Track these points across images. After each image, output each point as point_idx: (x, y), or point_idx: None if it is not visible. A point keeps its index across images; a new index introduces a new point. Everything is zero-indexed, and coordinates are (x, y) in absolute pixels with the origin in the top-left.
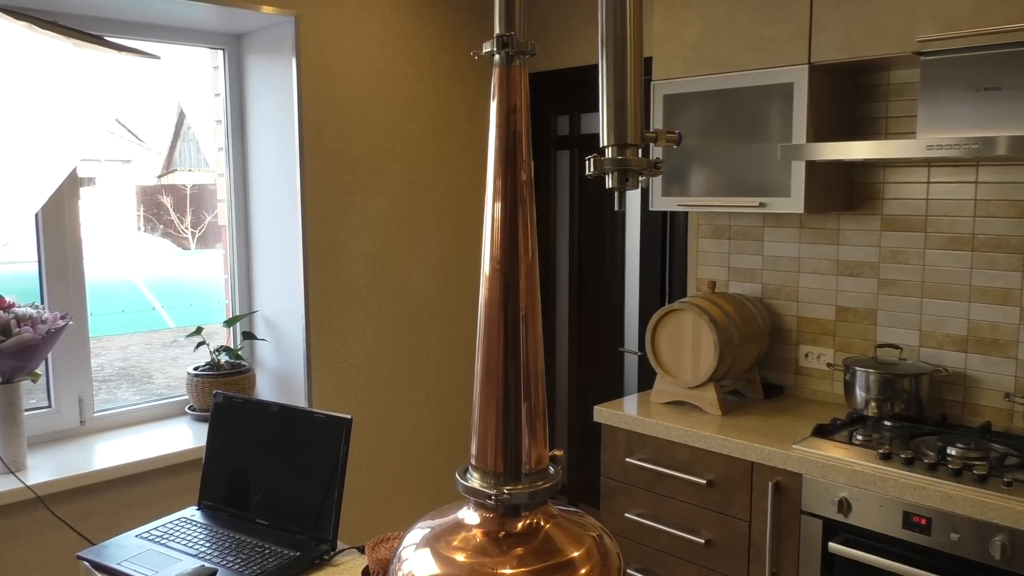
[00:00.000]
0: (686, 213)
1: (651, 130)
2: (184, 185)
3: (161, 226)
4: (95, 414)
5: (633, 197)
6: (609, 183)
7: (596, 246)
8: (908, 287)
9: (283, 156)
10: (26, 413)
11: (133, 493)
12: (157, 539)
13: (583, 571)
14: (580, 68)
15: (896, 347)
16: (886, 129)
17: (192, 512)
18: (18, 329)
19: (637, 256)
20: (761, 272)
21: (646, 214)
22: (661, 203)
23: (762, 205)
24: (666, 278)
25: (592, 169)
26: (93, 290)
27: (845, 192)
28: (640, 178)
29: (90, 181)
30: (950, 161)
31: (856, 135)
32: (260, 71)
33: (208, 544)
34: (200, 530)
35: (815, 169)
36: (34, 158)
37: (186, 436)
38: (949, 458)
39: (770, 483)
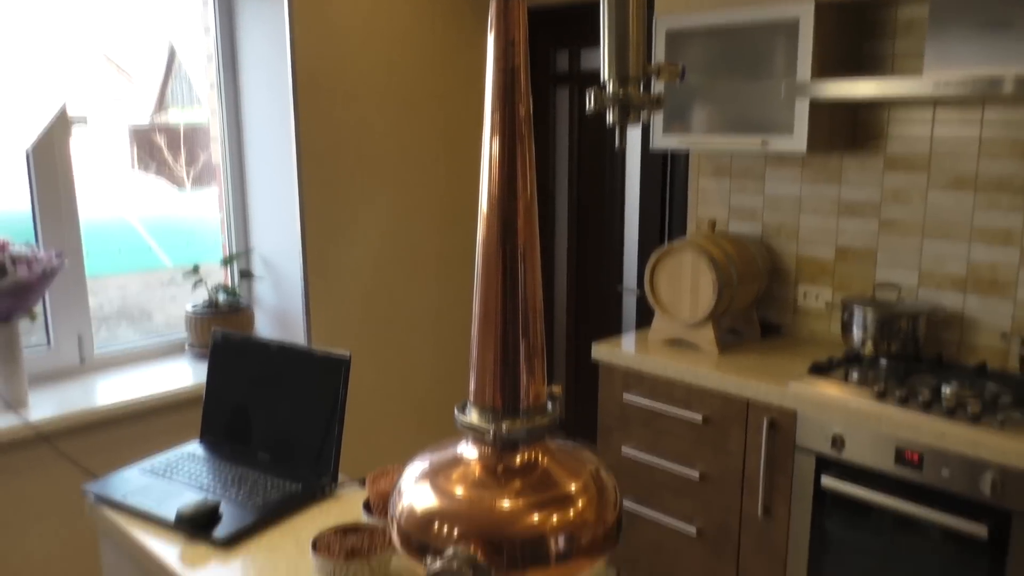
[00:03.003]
0: (687, 152)
1: (653, 65)
2: (177, 124)
3: (155, 165)
4: (95, 352)
5: (633, 136)
6: (610, 119)
7: (596, 185)
8: (909, 227)
9: (276, 93)
10: (25, 351)
11: (135, 429)
12: (161, 473)
13: (580, 504)
14: (580, 3)
15: (895, 287)
16: (892, 67)
17: (194, 447)
18: (13, 269)
19: (637, 195)
20: (762, 211)
21: (647, 153)
22: (662, 141)
23: (764, 144)
24: (666, 217)
25: (592, 105)
26: (89, 230)
27: (848, 131)
28: (641, 114)
29: (81, 120)
30: (956, 100)
31: (862, 73)
32: (251, 5)
33: (211, 478)
34: (203, 464)
35: (819, 107)
36: (22, 95)
37: (186, 373)
38: (944, 396)
39: (765, 420)
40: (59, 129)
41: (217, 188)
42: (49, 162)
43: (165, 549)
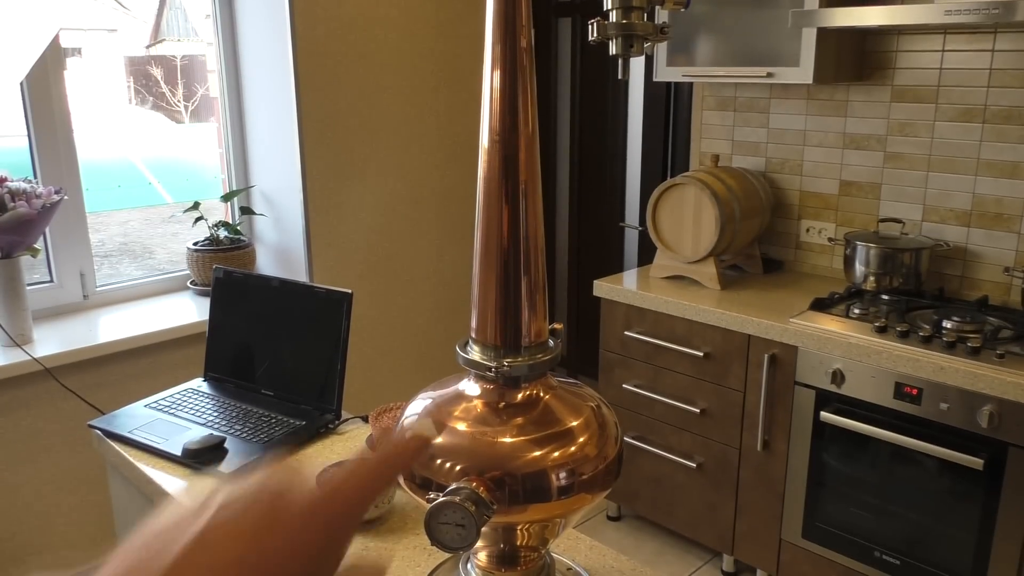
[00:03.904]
0: (691, 84)
1: None
2: (174, 56)
3: (151, 99)
4: (97, 288)
5: (636, 68)
6: (613, 49)
7: (598, 119)
8: (914, 160)
9: (273, 23)
10: (28, 288)
11: (139, 365)
12: (166, 409)
13: (581, 439)
14: None
15: (898, 221)
16: None
17: (199, 383)
18: (12, 204)
19: (639, 129)
20: (765, 145)
21: (650, 85)
22: (665, 73)
23: (770, 75)
24: (668, 152)
25: (595, 34)
26: (88, 166)
27: (856, 61)
28: (645, 44)
29: (76, 52)
30: (967, 27)
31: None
32: None
33: (216, 414)
34: (207, 400)
35: (826, 37)
36: (14, 24)
37: (189, 310)
38: (944, 331)
39: (766, 355)
40: (53, 61)
41: (216, 123)
42: (44, 95)
43: (173, 483)
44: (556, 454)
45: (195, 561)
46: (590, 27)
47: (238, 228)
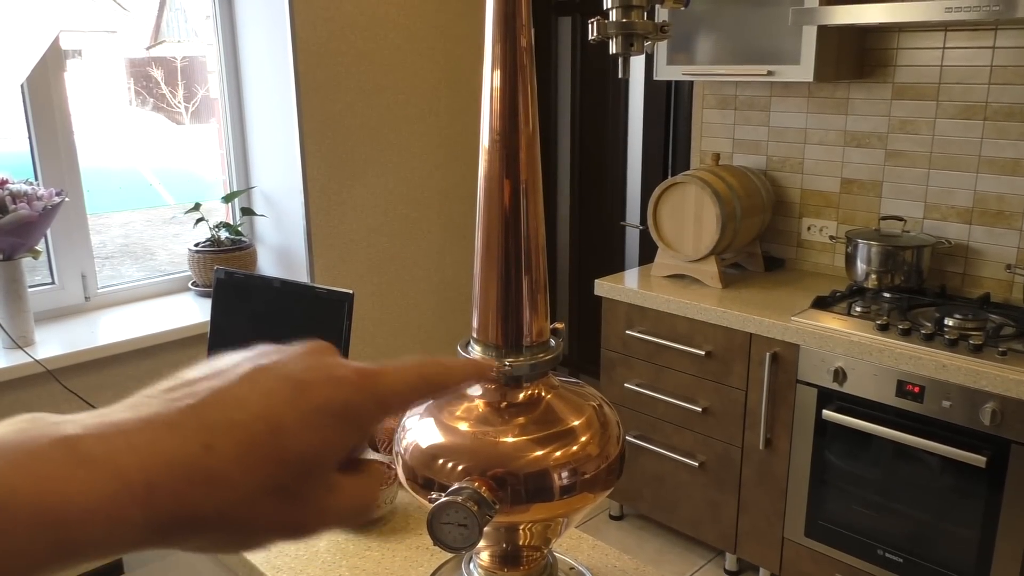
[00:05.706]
0: (691, 83)
1: None
2: (174, 57)
3: (152, 100)
4: (99, 290)
5: (637, 66)
6: (613, 48)
7: (598, 118)
8: (916, 158)
9: (273, 23)
10: (30, 290)
11: (141, 366)
12: None
13: (583, 439)
14: None
15: (900, 219)
16: None
17: None
18: (14, 206)
19: (640, 128)
20: (766, 144)
21: (650, 84)
22: (666, 72)
23: (770, 73)
24: (669, 150)
25: (595, 33)
26: (89, 168)
27: (856, 59)
28: (646, 43)
29: (76, 53)
30: (968, 24)
31: None
32: None
33: None
34: None
35: (827, 35)
36: (13, 27)
37: (191, 311)
38: (946, 329)
39: (767, 354)
40: (53, 62)
41: (216, 124)
42: (45, 97)
43: None
44: (558, 453)
45: (235, 394)
46: (590, 26)
47: (239, 229)
